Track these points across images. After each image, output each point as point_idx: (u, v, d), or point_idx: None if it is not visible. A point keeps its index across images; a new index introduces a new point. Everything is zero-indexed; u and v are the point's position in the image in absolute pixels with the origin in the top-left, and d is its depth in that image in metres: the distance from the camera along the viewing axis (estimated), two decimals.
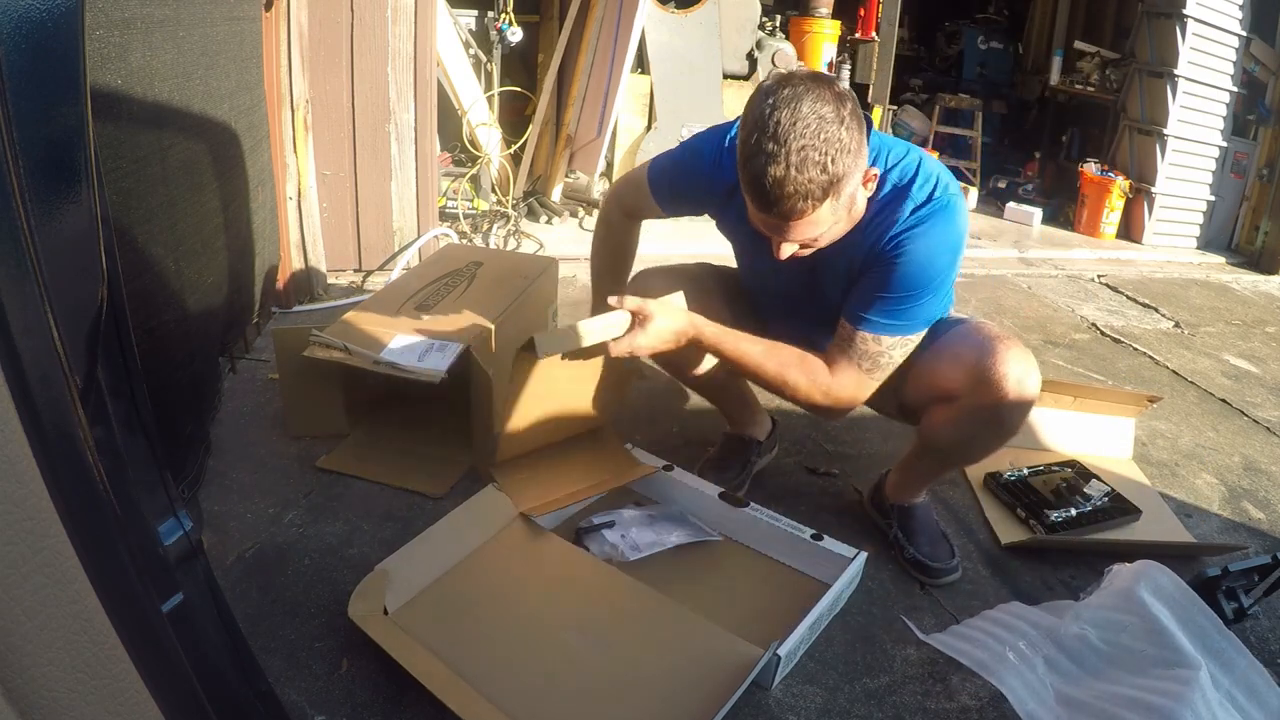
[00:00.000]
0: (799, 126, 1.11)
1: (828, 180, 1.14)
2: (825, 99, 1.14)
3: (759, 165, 1.14)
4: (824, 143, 1.12)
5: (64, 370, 0.54)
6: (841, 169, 1.14)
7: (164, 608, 0.66)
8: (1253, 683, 1.23)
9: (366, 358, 1.75)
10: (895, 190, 1.33)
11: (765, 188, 1.15)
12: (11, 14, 0.50)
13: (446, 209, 3.56)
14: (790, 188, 1.13)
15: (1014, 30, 6.58)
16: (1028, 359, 1.37)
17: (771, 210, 1.18)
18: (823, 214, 1.18)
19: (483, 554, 1.45)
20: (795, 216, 1.18)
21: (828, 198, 1.16)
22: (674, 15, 4.02)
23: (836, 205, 1.19)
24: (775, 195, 1.15)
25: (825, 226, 1.22)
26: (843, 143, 1.13)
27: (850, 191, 1.20)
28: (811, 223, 1.19)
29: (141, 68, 1.44)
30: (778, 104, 1.13)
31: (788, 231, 1.22)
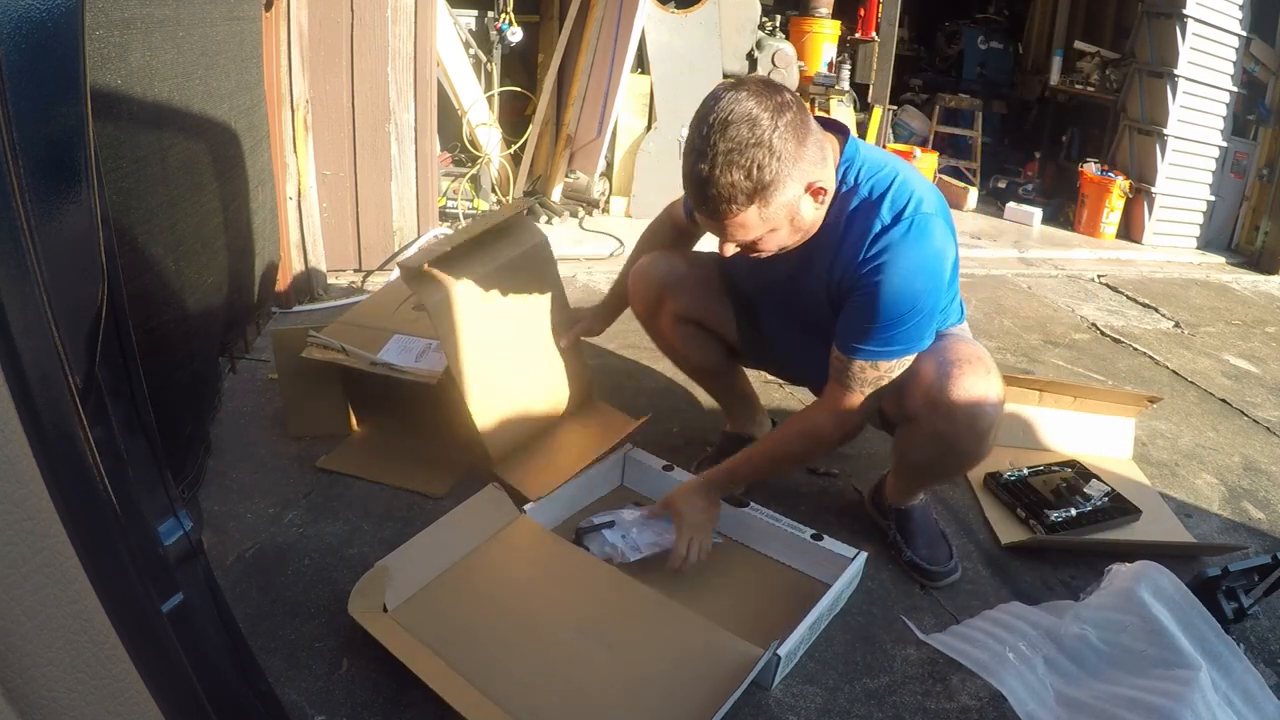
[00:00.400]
0: (729, 130, 1.13)
1: (752, 186, 1.15)
2: (765, 106, 1.15)
3: (690, 162, 1.18)
4: (752, 148, 1.13)
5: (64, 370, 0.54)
6: (769, 176, 1.15)
7: (164, 608, 0.66)
8: (1249, 687, 1.24)
9: (363, 358, 1.75)
10: (864, 205, 1.30)
11: (694, 183, 1.19)
12: (11, 14, 0.50)
13: (446, 209, 3.56)
14: (713, 189, 1.16)
15: (1014, 30, 6.58)
16: (986, 385, 1.33)
17: (699, 208, 1.22)
18: (750, 219, 1.19)
19: (483, 553, 1.45)
20: (721, 217, 1.20)
21: (754, 203, 1.17)
22: (674, 15, 4.02)
23: (766, 212, 1.19)
24: (701, 194, 1.19)
25: (757, 231, 1.23)
26: (773, 150, 1.14)
27: (786, 200, 1.20)
28: (740, 225, 1.21)
29: (141, 68, 1.44)
30: (719, 106, 1.15)
31: (721, 230, 1.25)
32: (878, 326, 1.31)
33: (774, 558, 1.58)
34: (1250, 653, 1.45)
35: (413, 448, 1.87)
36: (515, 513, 1.54)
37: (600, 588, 1.41)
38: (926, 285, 1.29)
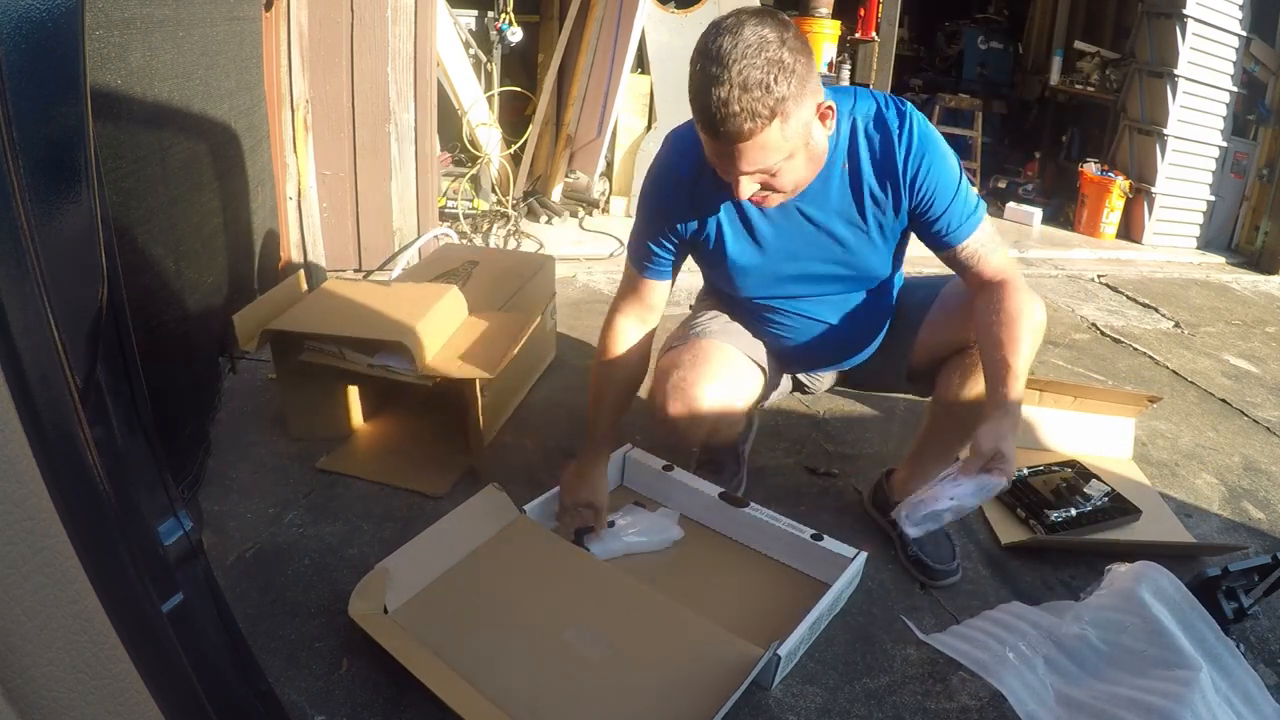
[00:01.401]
0: (739, 48, 1.14)
1: (773, 101, 1.15)
2: (767, 25, 1.17)
3: (704, 89, 1.16)
4: (766, 62, 1.14)
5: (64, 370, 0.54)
6: (786, 90, 1.15)
7: (164, 608, 0.66)
8: (1248, 689, 1.24)
9: (361, 360, 1.75)
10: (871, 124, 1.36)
11: (712, 110, 1.16)
12: (11, 14, 0.50)
13: (446, 209, 3.56)
14: (735, 106, 1.14)
15: (1014, 30, 6.58)
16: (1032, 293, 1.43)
17: (719, 133, 1.18)
18: (771, 137, 1.18)
19: (483, 554, 1.45)
20: (743, 138, 1.18)
21: (775, 118, 1.16)
22: (674, 15, 4.02)
23: (786, 130, 1.19)
24: (721, 115, 1.16)
25: (778, 154, 1.22)
26: (785, 64, 1.15)
27: (802, 119, 1.21)
28: (761, 146, 1.19)
29: (141, 68, 1.44)
30: (721, 32, 1.17)
31: (740, 159, 1.21)
32: (955, 194, 1.38)
33: (774, 558, 1.58)
34: (1250, 653, 1.45)
35: (413, 448, 1.87)
36: (515, 513, 1.54)
37: (600, 588, 1.41)
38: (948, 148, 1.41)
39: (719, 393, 1.46)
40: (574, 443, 1.96)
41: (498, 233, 3.57)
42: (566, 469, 1.61)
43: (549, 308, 2.43)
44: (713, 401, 1.46)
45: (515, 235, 3.57)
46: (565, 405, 2.16)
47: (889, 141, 1.35)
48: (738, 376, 1.52)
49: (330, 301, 1.87)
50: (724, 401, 1.47)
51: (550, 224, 3.83)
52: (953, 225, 1.39)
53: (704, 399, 1.45)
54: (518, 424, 2.05)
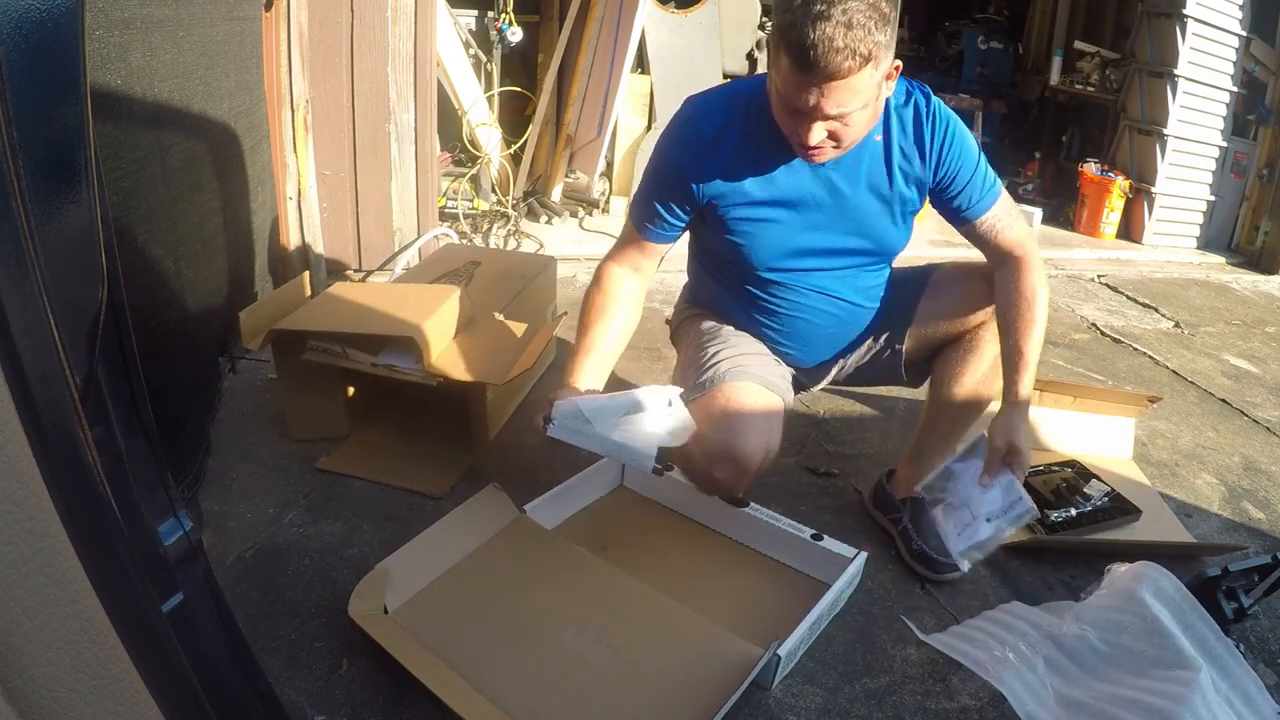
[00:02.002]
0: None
1: (873, 43, 1.17)
2: None
3: (806, 24, 1.16)
4: (870, 8, 1.17)
5: (64, 370, 0.54)
6: (883, 38, 1.19)
7: (164, 608, 0.66)
8: (1248, 689, 1.24)
9: (364, 359, 1.75)
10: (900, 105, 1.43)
11: (813, 43, 1.16)
12: (11, 14, 0.50)
13: (446, 209, 3.56)
14: (840, 42, 1.15)
15: (1014, 30, 6.58)
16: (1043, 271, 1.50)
17: (816, 69, 1.18)
18: (862, 80, 1.20)
19: (483, 554, 1.45)
20: (840, 75, 1.18)
21: (869, 63, 1.19)
22: (674, 15, 4.02)
23: (875, 76, 1.22)
24: (824, 49, 1.16)
25: (862, 99, 1.23)
26: (884, 12, 1.19)
27: (884, 70, 1.24)
28: (851, 88, 1.21)
29: (141, 68, 1.44)
30: None
31: (826, 99, 1.21)
32: (976, 169, 1.45)
33: (774, 558, 1.58)
34: (1250, 653, 1.45)
35: (413, 448, 1.87)
36: (515, 513, 1.54)
37: (600, 588, 1.41)
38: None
39: (759, 440, 1.42)
40: None
41: (498, 233, 3.57)
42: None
43: (551, 309, 2.43)
44: (755, 451, 1.41)
45: (515, 235, 3.57)
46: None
47: (919, 119, 1.41)
48: (769, 413, 1.48)
49: (336, 302, 1.87)
50: (765, 446, 1.43)
51: (550, 224, 3.83)
52: (973, 199, 1.46)
53: (749, 456, 1.40)
54: (518, 424, 2.05)
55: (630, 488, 1.79)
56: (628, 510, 1.72)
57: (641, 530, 1.65)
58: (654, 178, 1.47)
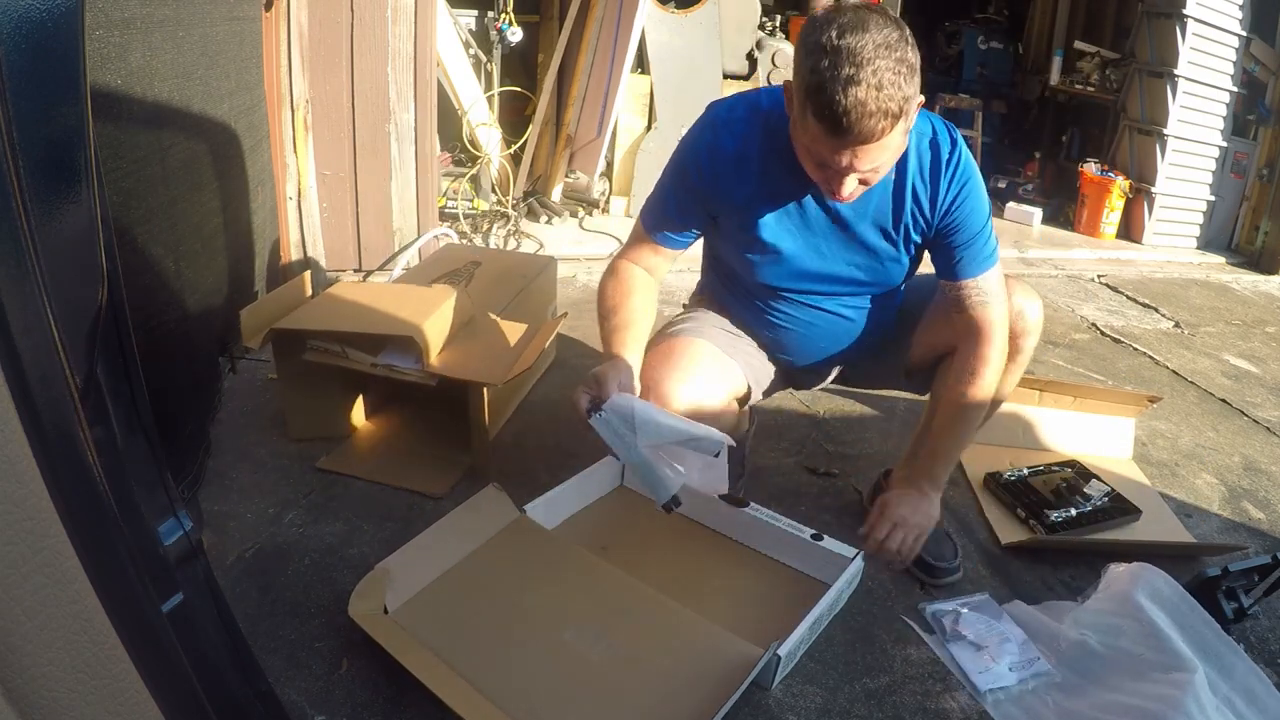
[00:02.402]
0: (870, 48, 1.12)
1: (904, 99, 1.15)
2: (888, 23, 1.16)
3: (837, 89, 1.13)
4: (898, 62, 1.13)
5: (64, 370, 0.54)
6: (912, 90, 1.17)
7: (164, 608, 0.66)
8: (1251, 687, 1.24)
9: (364, 359, 1.75)
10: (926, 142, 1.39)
11: (845, 110, 1.13)
12: (11, 14, 0.50)
13: (446, 209, 3.56)
14: (872, 106, 1.13)
15: (1014, 30, 6.58)
16: (1029, 289, 1.52)
17: (849, 134, 1.16)
18: (895, 139, 1.19)
19: (483, 554, 1.45)
20: (873, 139, 1.17)
21: (900, 120, 1.17)
22: (674, 15, 4.02)
23: (905, 127, 1.20)
24: (856, 115, 1.14)
25: (890, 154, 1.23)
26: (911, 65, 1.16)
27: (911, 118, 1.22)
28: (884, 147, 1.19)
29: (141, 68, 1.44)
30: (844, 29, 1.13)
31: (858, 159, 1.20)
32: (977, 234, 1.43)
33: (774, 558, 1.58)
34: (1250, 653, 1.45)
35: (413, 448, 1.87)
36: (515, 513, 1.53)
37: (600, 588, 1.41)
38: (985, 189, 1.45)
39: (691, 391, 1.44)
40: (574, 443, 1.96)
41: (498, 233, 3.57)
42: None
43: (551, 309, 2.43)
44: (685, 399, 1.43)
45: (515, 235, 3.57)
46: (565, 405, 2.16)
47: (938, 163, 1.38)
48: (710, 372, 1.50)
49: (336, 302, 1.87)
50: (696, 399, 1.45)
51: (550, 224, 3.83)
52: (965, 260, 1.44)
53: (675, 396, 1.42)
54: (518, 424, 2.05)
55: (630, 488, 1.79)
56: (628, 510, 1.72)
57: (641, 530, 1.65)
58: (671, 183, 1.45)
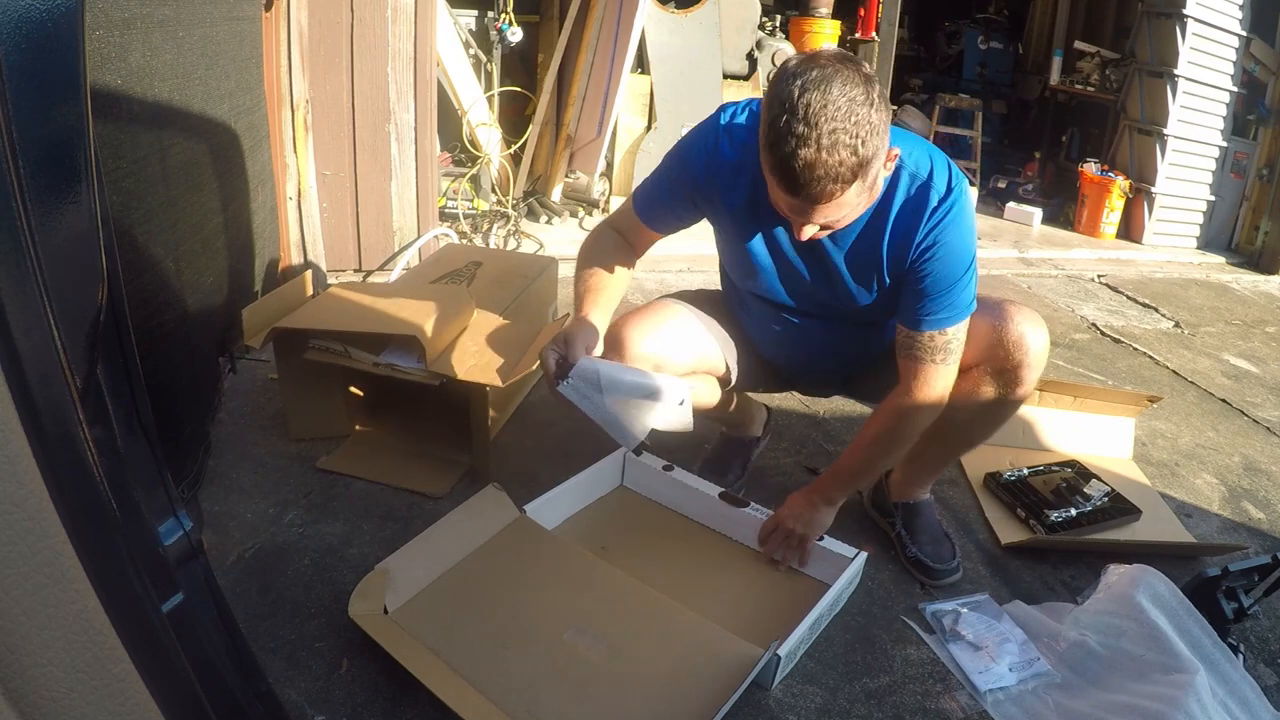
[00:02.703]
0: (829, 109, 1.10)
1: (857, 162, 1.13)
2: (855, 81, 1.13)
3: (788, 148, 1.12)
4: (855, 125, 1.11)
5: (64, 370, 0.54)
6: (870, 151, 1.14)
7: (164, 608, 0.66)
8: (1244, 694, 1.24)
9: (366, 359, 1.75)
10: (915, 184, 1.33)
11: (795, 170, 1.13)
12: (11, 14, 0.50)
13: (446, 209, 3.56)
14: (820, 170, 1.12)
15: (1014, 30, 6.59)
16: (1036, 318, 1.45)
17: (799, 193, 1.16)
18: (850, 196, 1.18)
19: (483, 554, 1.45)
20: (824, 199, 1.16)
21: (856, 179, 1.15)
22: (674, 15, 4.02)
23: (862, 186, 1.18)
24: (805, 178, 1.13)
25: (850, 209, 1.22)
26: (872, 124, 1.13)
27: (875, 173, 1.20)
28: (838, 205, 1.18)
29: (141, 68, 1.44)
30: (807, 85, 1.11)
31: (813, 214, 1.20)
32: (942, 292, 1.34)
33: (774, 557, 1.58)
34: (1250, 653, 1.45)
35: (413, 448, 1.87)
36: (515, 513, 1.53)
37: (600, 588, 1.41)
38: (972, 244, 1.36)
39: (652, 345, 1.46)
40: (574, 443, 1.96)
41: (498, 233, 3.57)
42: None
43: (552, 309, 2.43)
44: (644, 350, 1.45)
45: (515, 235, 3.57)
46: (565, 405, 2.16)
47: (921, 209, 1.31)
48: (678, 336, 1.52)
49: (337, 301, 1.87)
50: (656, 352, 1.46)
51: (550, 224, 3.83)
52: (924, 312, 1.36)
53: (634, 345, 1.45)
54: (518, 424, 2.05)
55: (630, 488, 1.79)
56: (628, 510, 1.72)
57: (642, 530, 1.65)
58: (668, 174, 1.46)
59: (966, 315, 1.38)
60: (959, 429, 1.54)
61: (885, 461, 1.52)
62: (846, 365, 1.63)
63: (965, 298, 1.37)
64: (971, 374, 1.47)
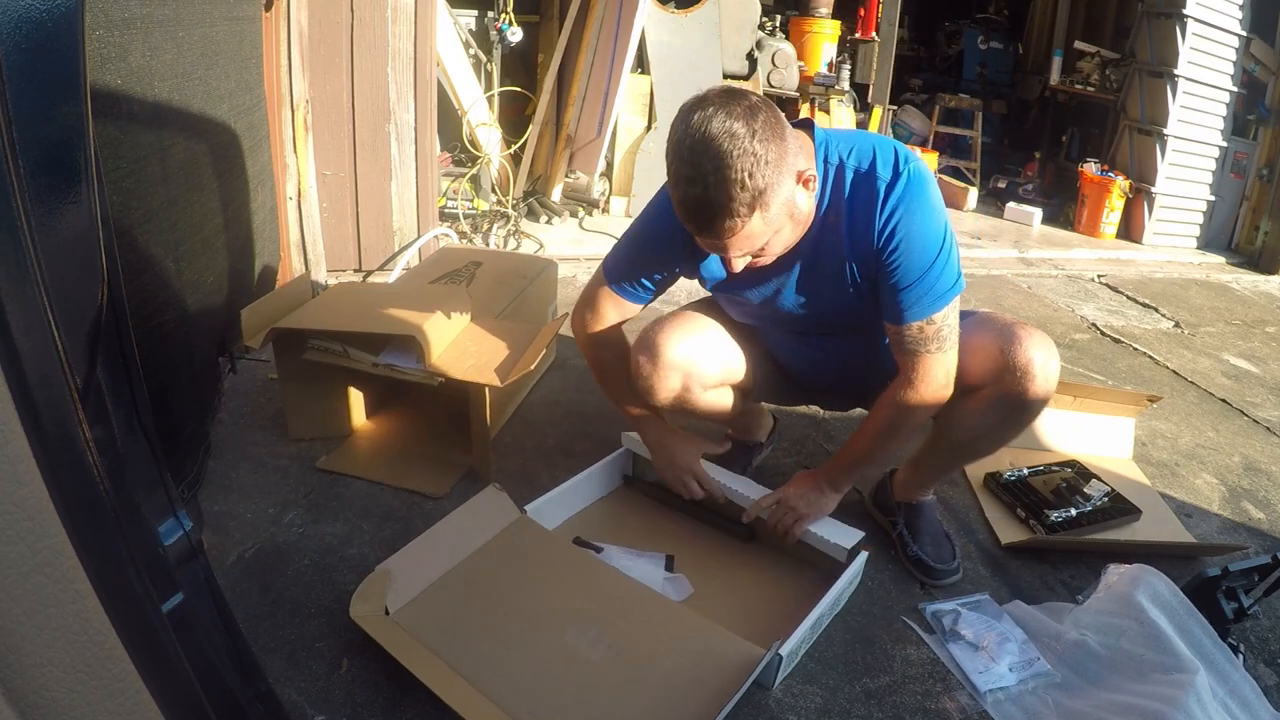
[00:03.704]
0: (711, 147, 1.12)
1: (750, 196, 1.14)
2: (735, 115, 1.13)
3: (681, 191, 1.17)
4: (737, 159, 1.12)
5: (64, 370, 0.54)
6: (761, 182, 1.14)
7: (164, 608, 0.66)
8: (1245, 694, 1.24)
9: (366, 359, 1.75)
10: (859, 177, 1.31)
11: (691, 209, 1.17)
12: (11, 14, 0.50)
13: (446, 209, 3.56)
14: (712, 210, 1.15)
15: (1014, 30, 6.59)
16: (1049, 345, 1.42)
17: (703, 232, 1.20)
18: (754, 228, 1.19)
19: (483, 554, 1.45)
20: (725, 235, 1.19)
21: (755, 211, 1.16)
22: (674, 15, 4.02)
23: (768, 216, 1.19)
24: (701, 218, 1.17)
25: (764, 238, 1.22)
26: (757, 156, 1.13)
27: (783, 200, 1.20)
28: (746, 237, 1.20)
29: (141, 68, 1.44)
30: (689, 130, 1.14)
31: (726, 250, 1.23)
32: (914, 282, 1.32)
33: (774, 557, 1.58)
34: (1250, 653, 1.45)
35: (413, 448, 1.87)
36: (516, 513, 1.53)
37: (601, 588, 1.41)
38: (940, 224, 1.32)
39: (685, 350, 1.50)
40: (574, 443, 1.96)
41: (498, 233, 3.57)
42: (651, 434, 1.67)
43: (551, 309, 2.43)
44: (678, 356, 1.49)
45: (515, 235, 3.57)
46: (565, 405, 2.16)
47: (870, 203, 1.30)
48: (709, 342, 1.56)
49: (338, 302, 1.87)
50: (689, 358, 1.50)
51: (550, 224, 3.83)
52: (905, 303, 1.33)
53: (669, 351, 1.49)
54: (518, 424, 2.05)
55: (631, 488, 1.78)
56: (628, 510, 1.72)
57: (642, 530, 1.65)
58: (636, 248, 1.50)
59: (953, 297, 1.35)
60: (965, 445, 1.55)
61: (891, 451, 1.50)
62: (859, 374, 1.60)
63: (945, 281, 1.33)
64: (980, 395, 1.45)
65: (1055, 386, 1.43)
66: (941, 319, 1.35)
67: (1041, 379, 1.40)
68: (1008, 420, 1.47)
